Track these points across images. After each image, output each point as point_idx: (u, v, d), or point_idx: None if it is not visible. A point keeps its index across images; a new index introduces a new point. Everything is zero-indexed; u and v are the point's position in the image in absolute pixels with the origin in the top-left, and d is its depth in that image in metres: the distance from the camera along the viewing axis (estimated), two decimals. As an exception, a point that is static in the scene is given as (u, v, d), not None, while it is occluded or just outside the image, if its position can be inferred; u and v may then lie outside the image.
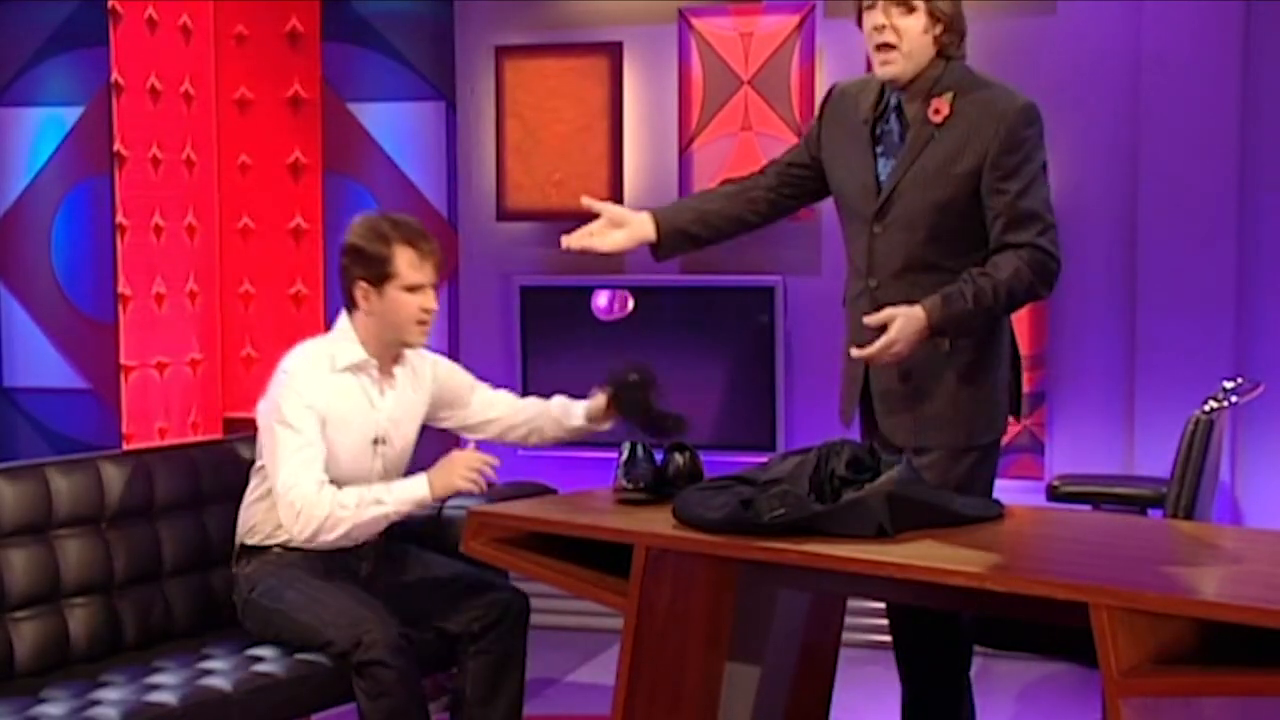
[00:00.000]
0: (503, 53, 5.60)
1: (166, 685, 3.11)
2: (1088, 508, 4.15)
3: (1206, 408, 3.41)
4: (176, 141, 5.50)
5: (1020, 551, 2.81)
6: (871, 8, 3.16)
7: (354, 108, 5.85)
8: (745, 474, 2.96)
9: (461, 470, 3.25)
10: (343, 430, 3.41)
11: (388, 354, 3.48)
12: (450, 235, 5.79)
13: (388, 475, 3.49)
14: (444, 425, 3.70)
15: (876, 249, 3.20)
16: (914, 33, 3.14)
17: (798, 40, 5.29)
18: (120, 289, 5.28)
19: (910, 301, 3.06)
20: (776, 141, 5.30)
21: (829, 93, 3.39)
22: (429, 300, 3.41)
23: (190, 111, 5.56)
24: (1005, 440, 5.04)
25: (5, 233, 6.22)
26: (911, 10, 3.14)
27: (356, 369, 3.45)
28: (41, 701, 3.04)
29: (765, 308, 5.23)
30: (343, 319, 3.49)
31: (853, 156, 3.26)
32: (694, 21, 5.39)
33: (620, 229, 3.38)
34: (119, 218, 5.28)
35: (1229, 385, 3.62)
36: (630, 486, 3.06)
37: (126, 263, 5.30)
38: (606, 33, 5.52)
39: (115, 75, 5.27)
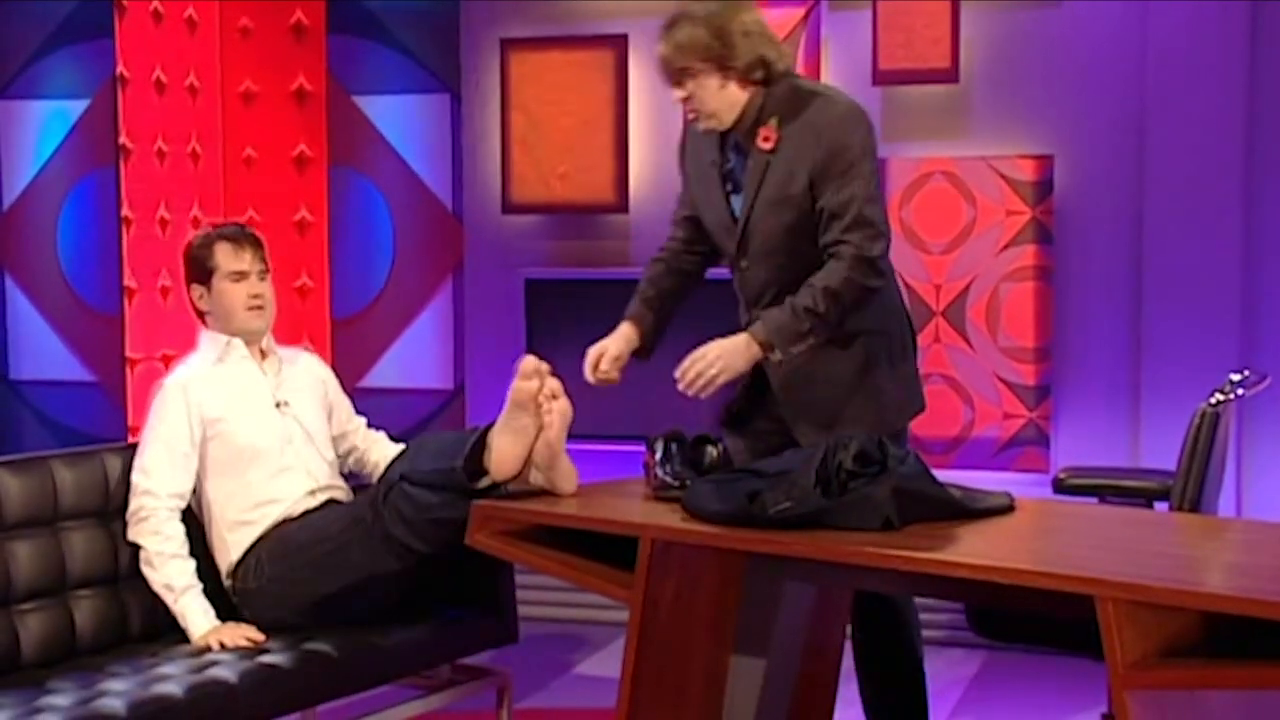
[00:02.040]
0: (508, 45, 5.60)
1: (172, 676, 3.11)
2: (1094, 500, 4.14)
3: (1213, 400, 3.40)
4: (182, 134, 5.50)
5: (1026, 544, 2.80)
6: (668, 83, 3.25)
7: (359, 100, 5.86)
8: (754, 466, 2.96)
9: (228, 635, 3.33)
10: (240, 400, 3.52)
11: (248, 341, 3.60)
12: (455, 228, 5.79)
13: (309, 442, 3.57)
14: None
15: (747, 282, 3.30)
16: (709, 94, 3.19)
17: (803, 33, 5.28)
18: (126, 282, 5.29)
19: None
20: (782, 134, 5.30)
21: (683, 135, 3.45)
22: (254, 286, 3.56)
23: (195, 104, 5.57)
24: (1010, 433, 5.11)
25: (11, 226, 6.24)
26: (693, 77, 3.18)
27: (227, 352, 3.57)
28: (47, 693, 3.04)
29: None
30: (200, 334, 3.63)
31: (711, 198, 3.34)
32: (699, 14, 5.38)
33: (618, 355, 3.41)
34: (124, 210, 5.29)
35: (1235, 378, 3.61)
36: (675, 483, 3.04)
37: (132, 255, 5.30)
38: (612, 25, 5.52)
39: (121, 68, 5.28)
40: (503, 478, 3.17)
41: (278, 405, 3.57)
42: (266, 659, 3.23)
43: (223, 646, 3.29)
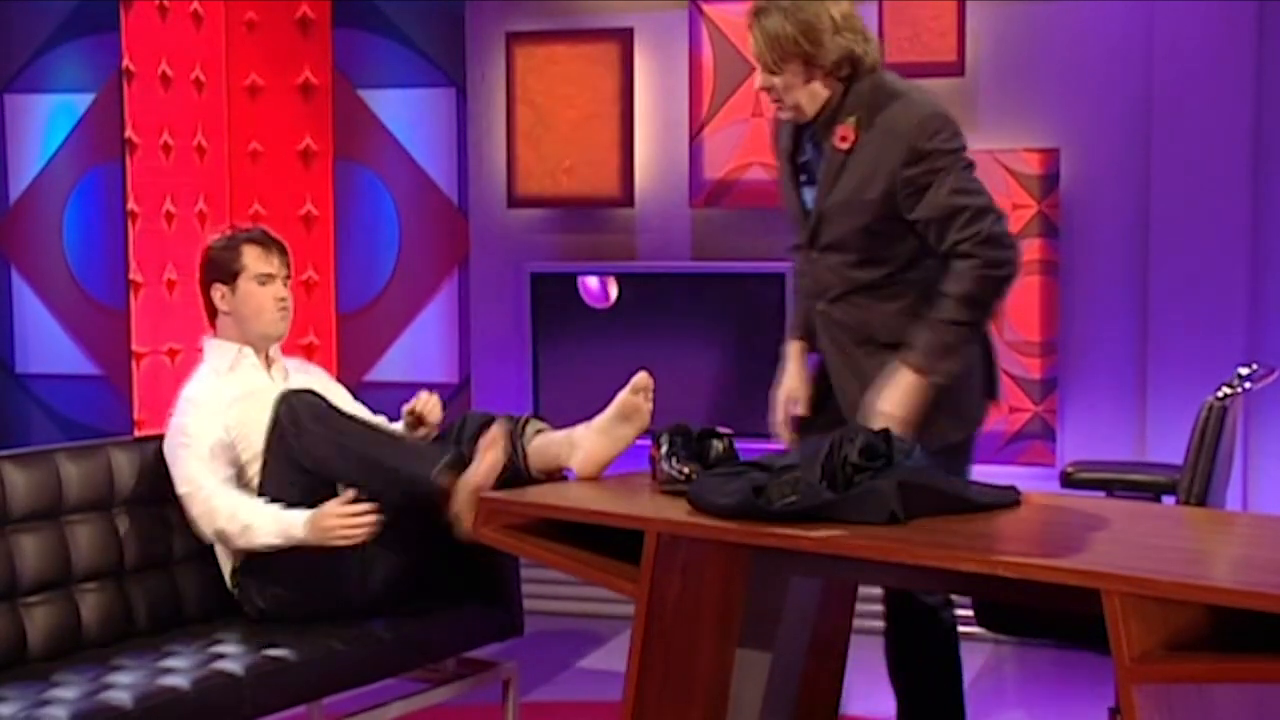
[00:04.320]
0: (513, 39, 5.59)
1: (178, 669, 3.12)
2: (1101, 494, 4.13)
3: (1220, 394, 3.39)
4: (187, 128, 5.50)
5: (1032, 537, 2.80)
6: (755, 69, 3.21)
7: (365, 94, 5.86)
8: (761, 460, 2.95)
9: (334, 523, 3.29)
10: (252, 407, 3.50)
11: (258, 349, 3.61)
12: (461, 222, 5.79)
13: None
14: None
15: (818, 274, 3.25)
16: (794, 87, 3.14)
17: (809, 26, 5.27)
18: (132, 275, 5.30)
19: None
20: (788, 127, 5.29)
21: (774, 123, 3.40)
22: (280, 290, 3.58)
23: (201, 98, 5.57)
24: (1017, 427, 5.10)
25: (17, 219, 6.24)
26: (779, 71, 3.14)
27: (237, 360, 3.58)
28: (54, 686, 3.04)
29: (775, 294, 5.23)
30: (206, 343, 3.64)
31: (786, 187, 3.31)
32: (705, 7, 5.38)
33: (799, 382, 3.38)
34: (130, 204, 5.30)
35: (1243, 372, 3.60)
36: (680, 477, 3.04)
37: (138, 249, 5.31)
38: (617, 19, 5.52)
39: (126, 62, 5.28)
40: (585, 475, 3.28)
41: None
42: (273, 652, 3.24)
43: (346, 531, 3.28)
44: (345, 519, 3.28)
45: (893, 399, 3.08)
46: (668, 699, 2.93)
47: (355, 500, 3.29)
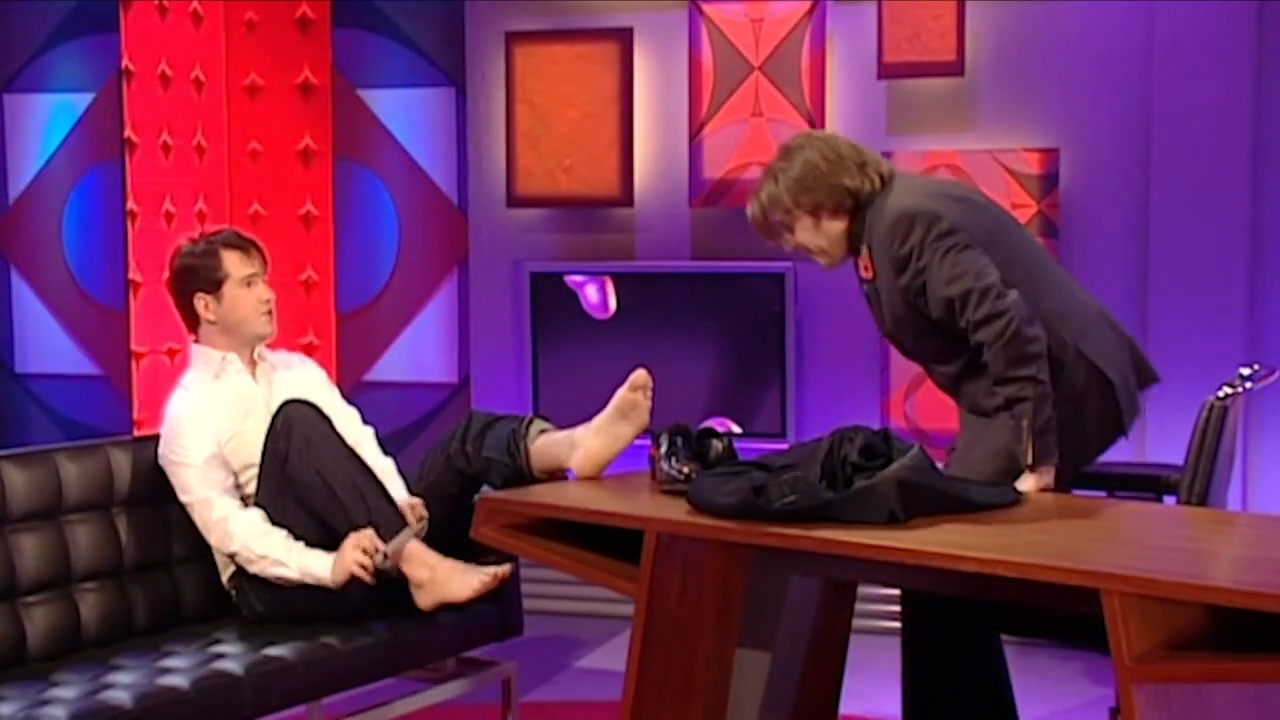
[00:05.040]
0: (513, 39, 5.59)
1: (178, 669, 3.11)
2: (1101, 494, 4.13)
3: (1221, 394, 3.39)
4: (187, 128, 5.50)
5: (1032, 537, 2.80)
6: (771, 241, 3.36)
7: (364, 94, 5.86)
8: (761, 459, 2.96)
9: (351, 554, 3.30)
10: (239, 415, 3.50)
11: (243, 352, 3.59)
12: (460, 221, 5.79)
13: None
14: None
15: (930, 374, 3.38)
16: (809, 235, 3.27)
17: (808, 26, 5.27)
18: (131, 275, 5.29)
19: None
20: (787, 127, 5.28)
21: None
22: (264, 291, 3.57)
23: (201, 98, 5.57)
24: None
25: (17, 219, 6.24)
26: (787, 228, 3.27)
27: (222, 368, 3.56)
28: (53, 685, 3.05)
29: (776, 294, 5.23)
30: (191, 349, 3.62)
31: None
32: (704, 7, 5.38)
33: None
34: (130, 204, 5.29)
35: (1244, 372, 3.60)
36: (680, 477, 3.04)
37: (137, 249, 5.31)
38: (617, 18, 5.51)
39: (126, 61, 5.28)
40: (585, 475, 3.32)
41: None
42: (273, 651, 3.24)
43: (363, 569, 3.28)
44: (362, 556, 3.29)
45: (1042, 483, 3.10)
46: (667, 699, 2.93)
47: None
